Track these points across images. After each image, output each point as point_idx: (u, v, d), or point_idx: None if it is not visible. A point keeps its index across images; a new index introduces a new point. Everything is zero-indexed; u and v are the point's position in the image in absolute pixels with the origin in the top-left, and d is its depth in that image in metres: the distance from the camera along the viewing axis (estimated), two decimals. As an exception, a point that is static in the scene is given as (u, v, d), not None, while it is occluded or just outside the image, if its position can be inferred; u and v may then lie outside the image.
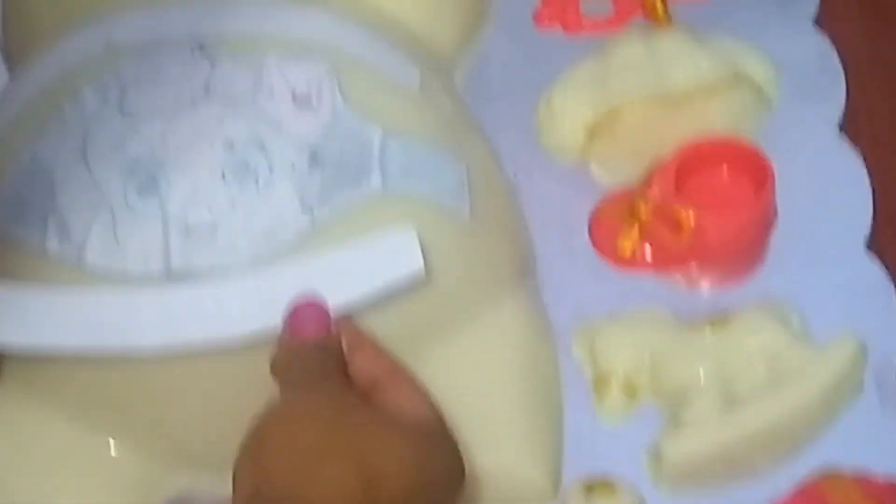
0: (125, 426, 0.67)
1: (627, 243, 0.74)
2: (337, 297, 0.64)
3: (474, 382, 0.68)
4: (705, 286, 0.74)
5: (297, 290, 0.64)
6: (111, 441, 0.67)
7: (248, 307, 0.64)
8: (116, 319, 0.64)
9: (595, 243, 0.75)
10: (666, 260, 0.73)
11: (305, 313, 0.63)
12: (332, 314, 0.63)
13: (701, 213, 0.72)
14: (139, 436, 0.67)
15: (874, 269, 0.73)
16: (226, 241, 0.64)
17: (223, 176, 0.65)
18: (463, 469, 0.61)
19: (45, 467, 0.67)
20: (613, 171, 0.77)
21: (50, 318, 0.65)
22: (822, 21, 0.81)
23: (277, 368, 0.63)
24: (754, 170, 0.74)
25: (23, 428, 0.68)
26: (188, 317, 0.64)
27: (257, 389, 0.63)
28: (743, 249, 0.74)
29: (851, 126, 0.77)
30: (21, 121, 0.70)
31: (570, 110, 0.77)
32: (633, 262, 0.74)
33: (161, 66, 0.68)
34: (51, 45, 0.72)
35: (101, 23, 0.71)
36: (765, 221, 0.74)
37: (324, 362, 0.62)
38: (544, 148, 0.78)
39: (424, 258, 0.65)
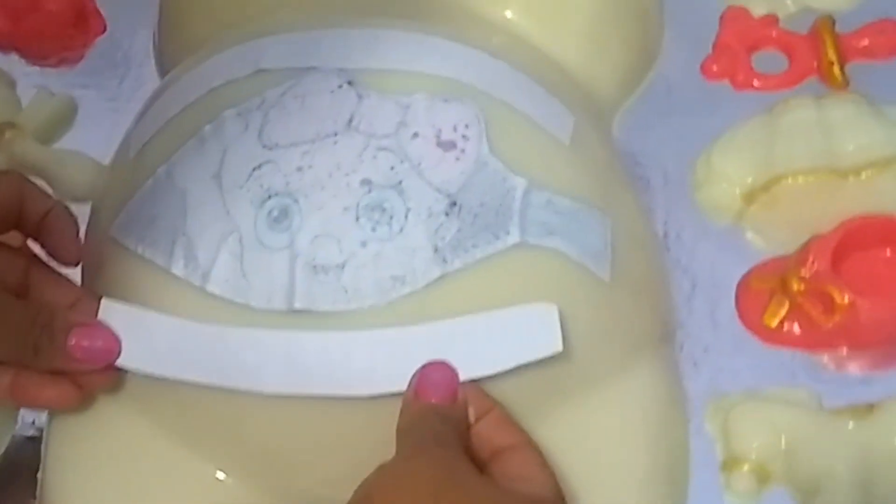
0: (235, 456, 0.66)
1: (775, 317, 0.70)
2: (469, 371, 0.62)
3: (599, 449, 0.65)
4: (854, 371, 0.70)
5: (428, 355, 0.62)
6: (219, 469, 0.66)
7: (379, 365, 0.62)
8: (243, 359, 0.63)
9: (741, 313, 0.71)
10: (814, 339, 0.70)
11: (434, 378, 0.61)
12: (459, 380, 0.61)
13: (856, 294, 0.68)
14: (248, 468, 0.66)
15: None
16: (352, 283, 0.62)
17: (356, 215, 0.63)
18: None
19: (149, 488, 0.66)
20: (769, 239, 0.73)
21: (176, 349, 0.64)
22: None
23: (398, 429, 0.61)
24: (920, 255, 0.70)
25: (133, 446, 0.67)
26: (316, 366, 0.63)
27: (374, 439, 0.62)
28: (898, 337, 0.70)
29: None
30: (162, 136, 0.69)
31: (730, 171, 0.74)
32: (780, 337, 0.70)
33: (307, 96, 0.66)
34: (199, 62, 0.71)
35: (252, 45, 0.69)
36: (924, 311, 0.70)
37: (445, 430, 0.60)
38: (699, 206, 0.75)
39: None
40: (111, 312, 0.65)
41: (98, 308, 0.65)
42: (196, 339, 0.63)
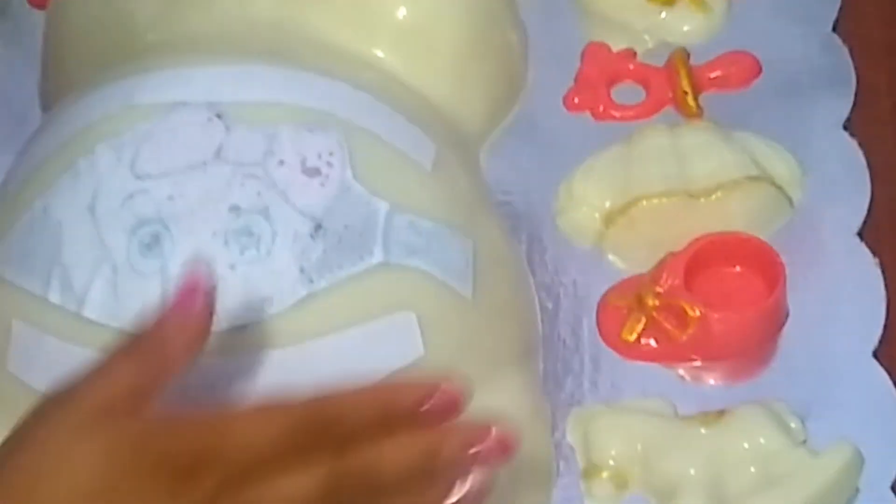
0: None
1: (633, 333, 0.74)
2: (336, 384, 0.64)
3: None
4: (709, 382, 0.73)
5: (298, 376, 0.63)
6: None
7: (247, 388, 0.64)
8: None
9: (601, 330, 0.75)
10: (670, 353, 0.73)
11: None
12: None
13: (707, 308, 0.72)
14: None
15: (881, 380, 0.72)
16: (222, 305, 0.65)
17: (225, 239, 0.66)
18: None
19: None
20: (628, 258, 0.77)
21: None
22: (853, 125, 0.81)
23: None
24: (767, 269, 0.74)
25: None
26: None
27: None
28: (749, 348, 0.73)
29: (873, 233, 0.77)
30: (39, 172, 0.71)
31: (589, 196, 0.78)
32: (637, 352, 0.74)
33: (176, 128, 0.69)
34: (75, 100, 0.74)
35: (125, 82, 0.72)
36: (773, 322, 0.74)
37: None
38: (561, 230, 0.78)
39: (423, 335, 0.67)
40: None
41: None
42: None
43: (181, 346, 0.56)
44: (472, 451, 0.55)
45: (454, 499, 0.55)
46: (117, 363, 0.56)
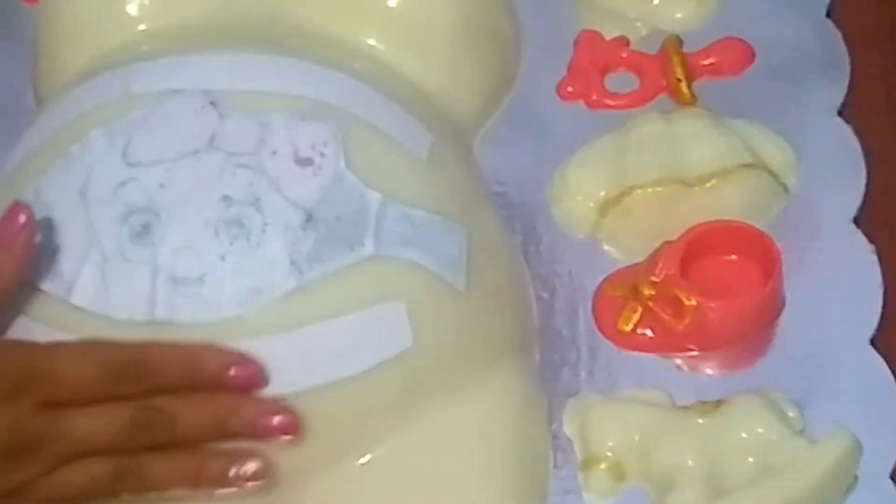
0: None
1: (629, 323, 0.73)
2: (324, 375, 0.65)
3: (460, 454, 0.68)
4: (705, 371, 0.73)
5: (285, 364, 0.64)
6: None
7: None
8: None
9: (597, 320, 0.74)
10: (667, 343, 0.73)
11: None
12: None
13: (704, 297, 0.72)
14: None
15: (878, 367, 0.71)
16: (211, 295, 0.65)
17: (216, 230, 0.65)
18: None
19: None
20: (624, 248, 0.76)
21: None
22: (848, 111, 0.80)
23: None
24: (763, 257, 0.73)
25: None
26: None
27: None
28: (745, 337, 0.73)
29: (869, 219, 0.76)
30: (33, 158, 0.71)
31: (583, 186, 0.77)
32: (634, 342, 0.73)
33: (171, 116, 0.68)
34: (70, 89, 0.73)
35: (121, 70, 0.72)
36: (770, 310, 0.73)
37: None
38: (556, 220, 0.78)
39: (415, 326, 0.66)
40: None
41: None
42: None
43: (3, 270, 0.63)
44: (261, 421, 0.62)
45: (235, 472, 0.63)
46: None
